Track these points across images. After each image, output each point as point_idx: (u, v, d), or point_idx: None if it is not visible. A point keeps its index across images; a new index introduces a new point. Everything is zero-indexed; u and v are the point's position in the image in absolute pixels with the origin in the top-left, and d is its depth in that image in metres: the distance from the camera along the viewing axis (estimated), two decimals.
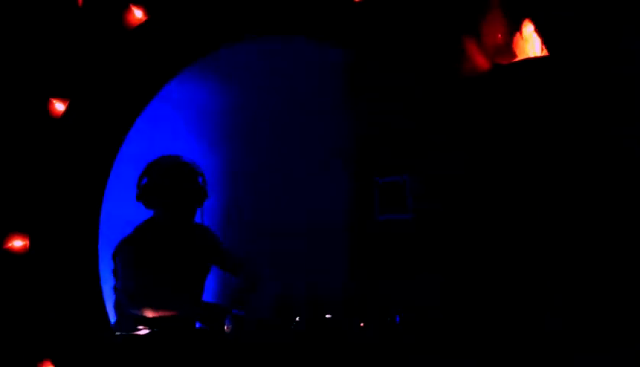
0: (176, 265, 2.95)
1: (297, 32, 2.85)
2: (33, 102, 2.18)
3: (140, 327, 2.66)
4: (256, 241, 3.85)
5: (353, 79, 3.84)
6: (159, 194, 2.94)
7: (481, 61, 3.19)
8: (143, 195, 2.95)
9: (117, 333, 2.63)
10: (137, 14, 2.33)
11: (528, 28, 3.15)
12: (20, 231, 2.13)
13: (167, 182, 2.93)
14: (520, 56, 3.11)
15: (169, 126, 3.70)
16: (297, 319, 2.78)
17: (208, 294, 3.21)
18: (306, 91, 3.92)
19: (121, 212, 3.04)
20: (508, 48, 3.19)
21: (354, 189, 3.75)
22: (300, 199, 3.97)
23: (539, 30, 3.13)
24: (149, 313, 2.73)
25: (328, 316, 2.84)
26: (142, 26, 2.32)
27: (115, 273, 2.87)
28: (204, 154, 3.52)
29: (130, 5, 2.31)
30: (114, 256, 2.86)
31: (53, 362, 2.17)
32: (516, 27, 3.18)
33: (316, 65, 3.82)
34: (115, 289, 2.88)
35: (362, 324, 2.89)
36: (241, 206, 3.96)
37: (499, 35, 3.22)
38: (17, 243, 2.09)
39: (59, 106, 2.21)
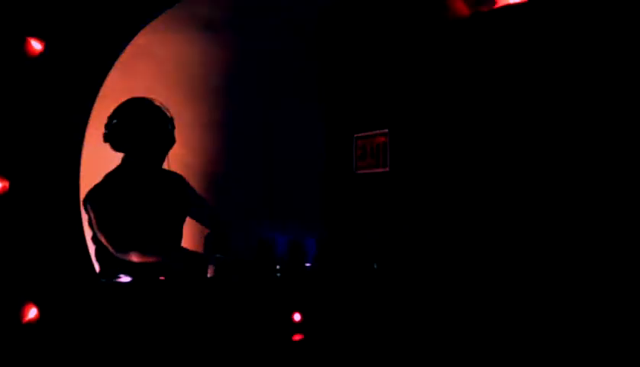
0: (154, 210, 2.94)
1: None
2: (8, 42, 2.10)
3: (122, 275, 2.64)
4: (233, 191, 3.86)
5: (327, 31, 3.79)
6: (128, 135, 2.89)
7: (461, 8, 3.17)
8: (112, 135, 2.91)
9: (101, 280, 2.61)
10: None
11: None
12: None
13: (138, 123, 2.90)
14: (500, 3, 3.09)
15: (146, 79, 3.65)
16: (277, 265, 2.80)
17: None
18: (280, 46, 3.89)
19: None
20: None
21: (332, 143, 3.73)
22: (277, 150, 3.98)
23: None
24: (135, 258, 2.72)
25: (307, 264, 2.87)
26: None
27: (90, 223, 2.82)
28: (179, 107, 3.48)
29: None
30: (85, 204, 2.80)
31: (38, 306, 2.15)
32: None
33: (288, 18, 3.79)
34: (94, 239, 2.84)
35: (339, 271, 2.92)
36: (218, 157, 3.94)
37: None
38: None
39: (36, 45, 2.15)
